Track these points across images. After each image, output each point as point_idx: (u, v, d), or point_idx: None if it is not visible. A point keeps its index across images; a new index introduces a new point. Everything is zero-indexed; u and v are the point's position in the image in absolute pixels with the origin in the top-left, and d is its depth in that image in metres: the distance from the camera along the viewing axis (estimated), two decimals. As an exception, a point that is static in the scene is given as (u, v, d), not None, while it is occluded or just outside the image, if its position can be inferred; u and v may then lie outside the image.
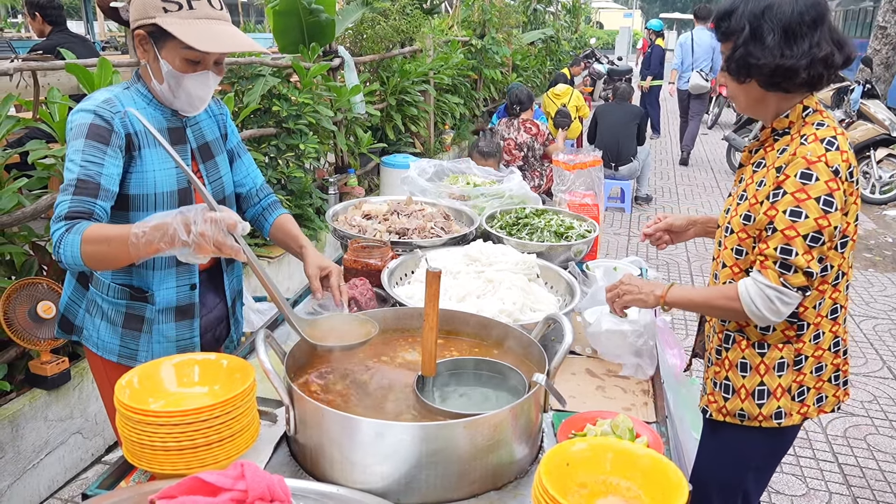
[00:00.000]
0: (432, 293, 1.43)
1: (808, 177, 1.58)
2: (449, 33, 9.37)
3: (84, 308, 1.94)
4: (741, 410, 1.81)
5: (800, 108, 1.69)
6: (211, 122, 1.99)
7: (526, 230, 2.62)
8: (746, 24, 1.62)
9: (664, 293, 1.78)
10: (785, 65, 1.60)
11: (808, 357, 1.77)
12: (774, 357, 1.76)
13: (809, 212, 1.57)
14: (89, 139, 1.68)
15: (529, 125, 6.27)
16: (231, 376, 1.44)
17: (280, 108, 4.70)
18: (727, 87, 1.75)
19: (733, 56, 1.65)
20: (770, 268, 1.61)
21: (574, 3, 19.29)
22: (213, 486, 1.04)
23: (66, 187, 1.66)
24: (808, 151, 1.59)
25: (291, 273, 4.90)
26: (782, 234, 1.59)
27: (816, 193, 1.57)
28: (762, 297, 1.61)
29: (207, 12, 1.71)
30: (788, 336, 1.75)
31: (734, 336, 1.81)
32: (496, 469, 1.34)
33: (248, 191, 2.12)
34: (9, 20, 20.79)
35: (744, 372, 1.80)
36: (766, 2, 1.62)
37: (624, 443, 1.32)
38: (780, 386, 1.77)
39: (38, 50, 4.84)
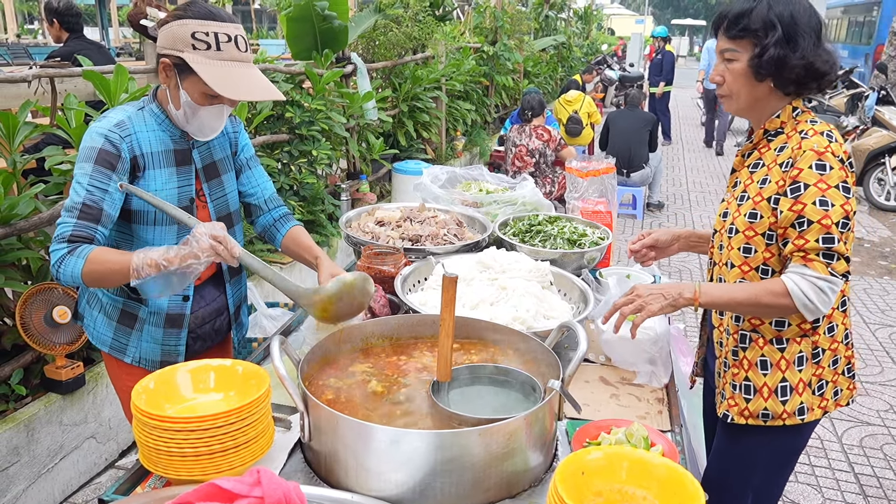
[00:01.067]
0: (448, 298, 1.43)
1: (822, 167, 1.62)
2: (461, 40, 9.40)
3: (85, 299, 2.06)
4: (765, 410, 1.79)
5: (790, 108, 1.74)
6: (223, 141, 2.05)
7: (539, 237, 2.62)
8: (778, 25, 1.64)
9: (696, 294, 1.73)
10: (819, 67, 1.66)
11: (825, 350, 1.78)
12: (794, 351, 1.77)
13: (835, 200, 1.60)
14: (97, 164, 1.77)
15: (541, 131, 6.25)
16: (246, 383, 1.45)
17: (293, 114, 4.72)
18: (727, 85, 1.75)
19: (762, 55, 1.65)
20: (816, 259, 1.62)
21: (586, 9, 19.31)
22: (229, 492, 1.05)
23: (71, 209, 1.75)
24: (814, 143, 1.64)
25: (303, 279, 4.92)
26: (820, 225, 1.60)
27: (835, 181, 1.61)
28: (815, 289, 1.61)
29: (233, 55, 1.77)
30: (804, 329, 1.76)
31: (750, 335, 1.80)
32: (511, 477, 1.33)
33: (258, 201, 2.16)
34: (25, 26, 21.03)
35: (764, 370, 1.79)
36: (788, 7, 1.66)
37: (639, 451, 1.31)
38: (802, 380, 1.78)
39: (55, 56, 4.89)
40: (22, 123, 2.93)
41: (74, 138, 3.10)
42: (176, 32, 1.74)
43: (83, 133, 3.06)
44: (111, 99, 3.10)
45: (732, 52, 1.72)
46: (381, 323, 1.73)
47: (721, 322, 1.90)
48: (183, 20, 1.74)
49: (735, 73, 1.72)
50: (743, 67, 1.70)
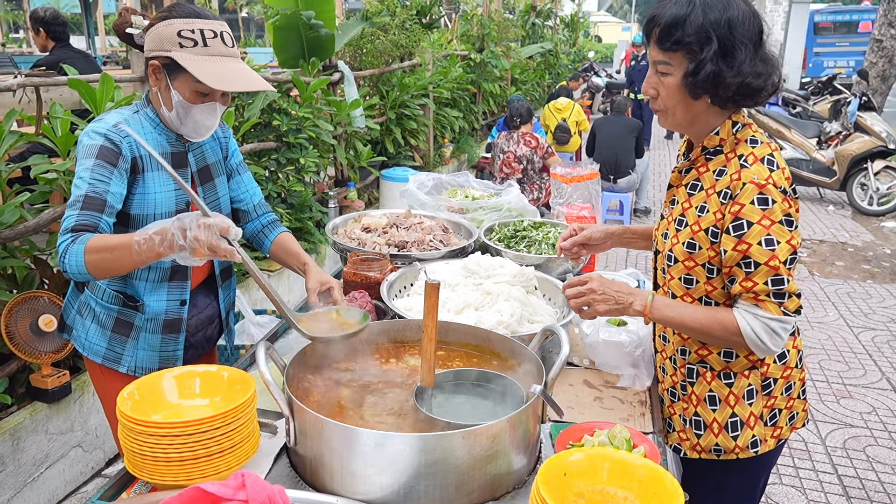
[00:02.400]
0: (431, 305, 1.45)
1: (764, 201, 1.52)
2: (448, 47, 9.44)
3: (76, 310, 2.03)
4: (716, 445, 1.74)
5: (729, 123, 1.62)
6: (214, 145, 2.07)
7: (524, 243, 2.64)
8: (713, 37, 1.50)
9: (646, 308, 1.65)
10: (753, 84, 1.54)
11: (777, 379, 1.72)
12: (742, 385, 1.70)
13: (780, 237, 1.52)
14: (99, 159, 1.77)
15: (529, 138, 6.31)
16: (232, 388, 1.46)
17: (280, 122, 4.73)
18: (661, 100, 1.63)
19: (698, 71, 1.52)
20: (768, 300, 1.55)
21: (572, 17, 19.43)
22: (214, 496, 1.06)
23: (74, 202, 1.75)
24: (755, 175, 1.53)
25: (291, 286, 4.92)
26: (768, 267, 1.52)
27: (778, 217, 1.52)
28: (767, 330, 1.55)
29: (221, 50, 1.80)
30: (753, 361, 1.69)
31: (697, 369, 1.74)
32: (494, 479, 1.35)
33: (247, 206, 2.18)
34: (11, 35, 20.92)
35: (713, 405, 1.72)
36: (725, 13, 1.51)
37: (621, 453, 1.33)
38: (753, 414, 1.71)
39: (41, 65, 4.89)
40: (7, 132, 2.93)
41: (60, 147, 3.10)
42: (162, 33, 1.76)
43: (69, 142, 3.08)
44: (97, 108, 3.10)
45: (666, 65, 1.58)
46: (366, 328, 1.74)
47: (665, 348, 1.83)
48: (168, 20, 1.76)
49: (669, 89, 1.59)
50: (677, 83, 1.57)
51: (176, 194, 1.91)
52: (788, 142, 9.19)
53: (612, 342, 1.94)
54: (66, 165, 3.08)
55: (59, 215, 3.05)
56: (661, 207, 1.87)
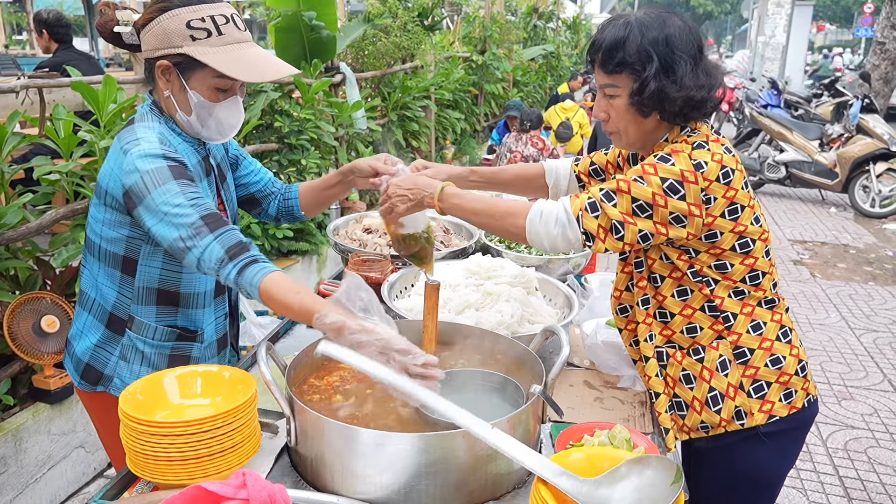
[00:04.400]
0: (431, 305, 1.45)
1: (664, 159, 1.52)
2: (450, 49, 9.46)
3: (118, 355, 1.77)
4: (702, 423, 1.72)
5: (677, 129, 1.63)
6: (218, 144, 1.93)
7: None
8: (654, 55, 1.52)
9: (436, 197, 1.63)
10: (696, 97, 1.55)
11: (753, 349, 1.67)
12: (713, 358, 1.68)
13: (649, 184, 1.50)
14: (179, 179, 1.54)
15: (536, 140, 6.51)
16: (233, 388, 1.46)
17: (282, 123, 4.75)
18: (612, 122, 1.65)
19: (643, 90, 1.54)
20: (581, 199, 1.54)
21: (574, 19, 19.43)
22: (215, 495, 1.06)
23: (195, 230, 1.50)
24: (675, 146, 1.56)
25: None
26: (615, 182, 1.52)
27: (665, 174, 1.50)
28: (554, 216, 1.54)
29: (236, 36, 1.60)
30: (718, 331, 1.67)
31: (666, 351, 1.73)
32: (495, 479, 1.35)
33: (264, 187, 2.03)
34: (14, 37, 20.98)
35: (689, 384, 1.71)
36: (663, 31, 1.54)
37: (619, 452, 1.33)
38: (730, 384, 1.68)
39: (44, 67, 4.91)
40: (10, 134, 2.94)
41: (63, 148, 3.11)
42: (168, 27, 1.54)
43: (72, 143, 3.09)
44: (100, 110, 3.11)
45: (612, 87, 1.59)
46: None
47: (638, 353, 1.81)
48: (171, 11, 1.54)
49: (619, 110, 1.61)
50: (625, 104, 1.59)
51: (215, 201, 1.79)
52: (790, 144, 9.19)
53: (612, 343, 1.95)
54: (69, 167, 3.09)
55: (61, 217, 3.06)
56: None
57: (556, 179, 2.00)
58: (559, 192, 2.00)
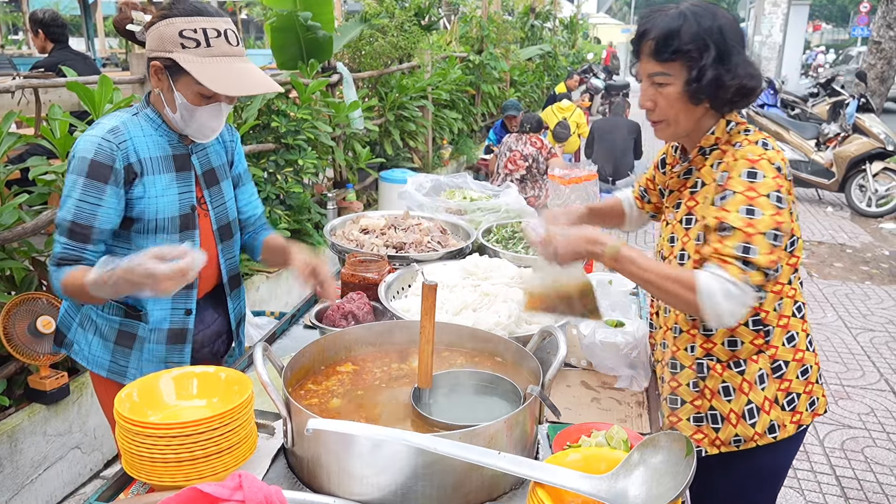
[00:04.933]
0: (428, 306, 1.45)
1: (753, 175, 1.54)
2: (447, 49, 9.45)
3: (78, 322, 1.96)
4: (736, 436, 1.74)
5: (724, 122, 1.67)
6: (219, 148, 2.02)
7: (522, 244, 2.64)
8: (710, 43, 1.55)
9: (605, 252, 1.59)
10: (748, 85, 1.59)
11: (788, 362, 1.72)
12: (753, 371, 1.70)
13: (763, 209, 1.51)
14: (89, 178, 1.72)
15: (535, 139, 6.53)
16: (229, 389, 1.46)
17: (279, 123, 4.74)
18: (660, 111, 1.65)
19: (701, 77, 1.56)
20: (731, 263, 1.51)
21: (571, 18, 19.45)
22: (211, 497, 1.06)
23: (62, 226, 1.74)
24: (749, 152, 1.58)
25: (290, 288, 4.92)
26: (742, 233, 1.50)
27: (766, 190, 1.52)
28: (726, 294, 1.49)
29: (225, 50, 1.72)
30: (758, 345, 1.69)
31: (706, 363, 1.73)
32: (492, 480, 1.35)
33: (248, 219, 2.14)
34: (10, 37, 20.93)
35: (728, 396, 1.72)
36: (716, 21, 1.57)
37: (617, 452, 1.33)
38: (767, 398, 1.71)
39: (39, 67, 4.89)
40: (6, 134, 2.93)
41: (59, 149, 3.10)
42: (163, 33, 1.69)
43: (68, 144, 3.09)
44: (95, 109, 3.10)
45: (664, 76, 1.60)
46: (364, 329, 1.75)
47: (664, 355, 1.82)
48: (169, 19, 1.69)
49: (670, 98, 1.62)
50: (677, 91, 1.60)
51: (180, 198, 1.85)
52: (787, 143, 9.20)
53: (609, 343, 1.95)
54: (65, 167, 3.07)
55: (57, 217, 3.05)
56: (665, 213, 1.87)
57: (629, 207, 2.10)
58: (632, 218, 2.11)
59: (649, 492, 1.17)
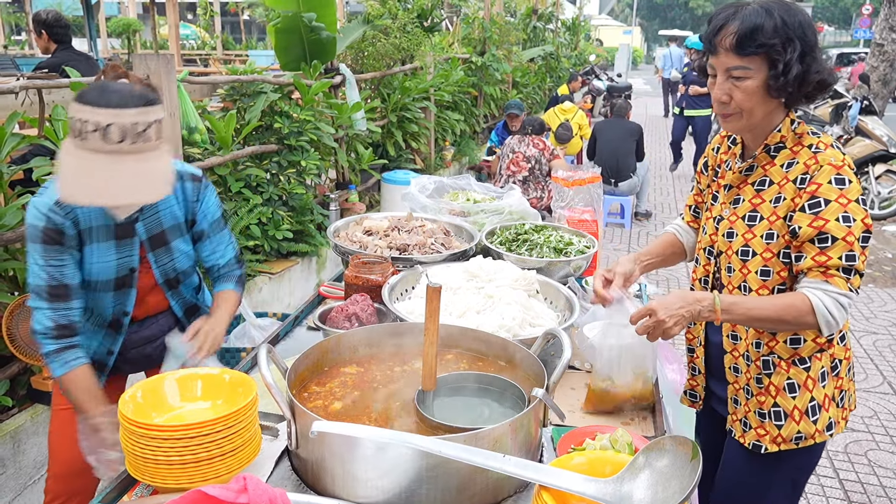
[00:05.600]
0: (433, 308, 1.44)
1: (841, 181, 1.59)
2: (449, 50, 9.46)
3: None
4: (798, 433, 1.76)
5: (788, 121, 1.70)
6: (175, 209, 1.99)
7: (525, 246, 2.64)
8: (796, 39, 1.58)
9: (717, 311, 1.61)
10: (828, 80, 1.63)
11: (842, 360, 1.78)
12: (817, 368, 1.74)
13: (856, 214, 1.58)
14: (46, 244, 1.79)
15: (538, 141, 6.54)
16: (233, 391, 1.46)
17: (281, 124, 4.74)
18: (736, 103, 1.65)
19: (787, 72, 1.58)
20: (837, 275, 1.59)
21: (574, 20, 19.44)
22: (215, 499, 1.06)
23: (38, 292, 1.80)
24: (831, 157, 1.61)
25: (292, 290, 4.92)
26: (844, 242, 1.57)
27: (854, 195, 1.59)
28: (837, 306, 1.58)
29: (97, 146, 1.60)
30: (820, 344, 1.73)
31: (771, 360, 1.75)
32: (496, 483, 1.34)
33: (210, 268, 2.13)
34: (13, 38, 20.96)
35: (793, 392, 1.74)
36: (797, 17, 1.60)
37: (622, 456, 1.33)
38: (827, 396, 1.76)
39: (43, 68, 4.90)
40: (9, 134, 2.94)
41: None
42: (70, 113, 1.64)
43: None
44: (99, 110, 3.10)
45: (744, 69, 1.61)
46: (367, 331, 1.74)
47: (736, 347, 1.82)
48: (76, 102, 1.62)
49: (748, 91, 1.63)
50: (758, 85, 1.62)
51: (118, 263, 1.91)
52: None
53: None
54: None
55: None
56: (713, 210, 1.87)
57: (685, 236, 2.10)
58: (690, 245, 2.09)
59: (655, 495, 1.17)
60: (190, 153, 4.15)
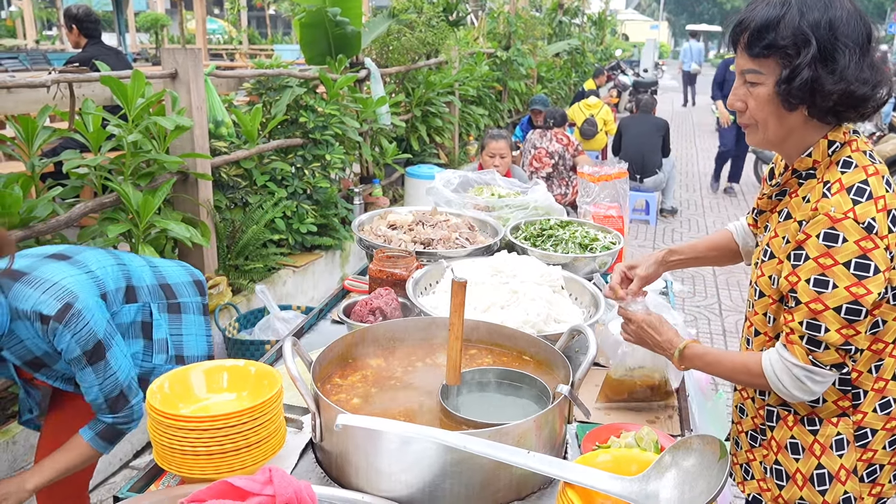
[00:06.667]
0: (458, 303, 1.44)
1: (832, 238, 1.33)
2: (474, 45, 9.43)
3: None
4: (801, 499, 1.55)
5: (824, 143, 1.43)
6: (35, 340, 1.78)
7: (550, 242, 2.62)
8: (812, 39, 1.32)
9: (675, 358, 1.58)
10: (857, 92, 1.34)
11: (876, 431, 1.51)
12: (829, 434, 1.51)
13: (838, 280, 1.32)
14: None
15: (561, 136, 6.49)
16: (259, 383, 1.47)
17: (307, 118, 4.76)
18: (750, 113, 1.45)
19: (793, 78, 1.34)
20: (796, 343, 1.39)
21: (600, 14, 19.29)
22: (241, 490, 1.06)
23: None
24: (832, 207, 1.34)
25: (316, 283, 4.95)
26: (807, 308, 1.36)
27: (845, 258, 1.32)
28: (789, 375, 1.40)
29: None
30: (842, 408, 1.50)
31: (778, 412, 1.58)
32: (520, 479, 1.34)
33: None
34: (44, 33, 21.31)
35: (796, 454, 1.55)
36: (826, 13, 1.33)
37: (648, 454, 1.31)
38: (843, 467, 1.51)
39: (73, 62, 4.96)
40: (41, 128, 2.98)
41: (92, 142, 3.15)
42: None
43: (101, 137, 3.13)
44: (128, 104, 3.14)
45: (755, 73, 1.40)
46: (392, 325, 1.74)
47: (742, 389, 1.70)
48: None
49: (760, 100, 1.41)
50: (768, 93, 1.39)
51: None
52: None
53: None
54: (97, 160, 3.12)
55: (89, 210, 3.10)
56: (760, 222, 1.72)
57: (743, 237, 1.83)
58: (749, 252, 1.82)
59: (682, 495, 1.16)
60: (216, 146, 4.19)
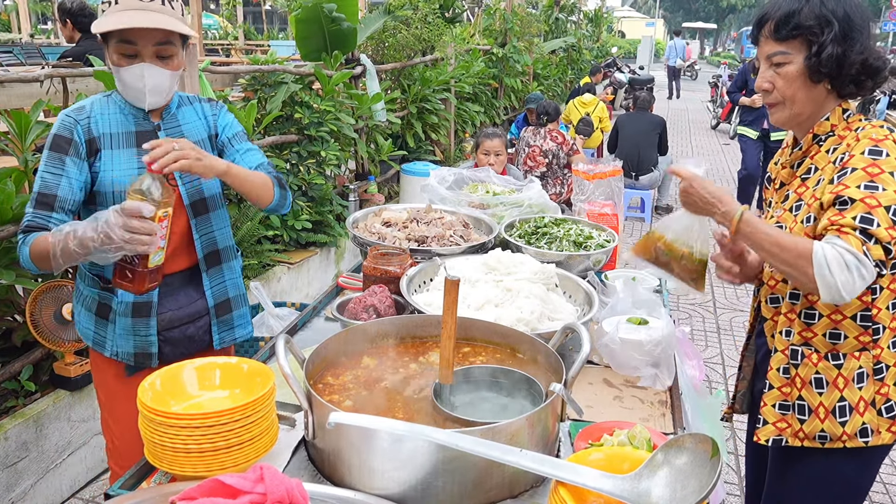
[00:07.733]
0: (451, 301, 1.44)
1: (877, 153, 1.51)
2: (470, 42, 9.42)
3: (75, 296, 2.10)
4: (822, 432, 1.66)
5: (839, 110, 1.65)
6: (197, 124, 2.02)
7: (545, 239, 2.62)
8: (833, 20, 1.55)
9: (734, 221, 1.57)
10: (874, 64, 1.58)
11: (889, 366, 1.64)
12: (852, 367, 1.63)
13: (886, 185, 1.47)
14: (51, 150, 1.83)
15: (556, 134, 6.43)
16: (251, 380, 1.46)
17: (302, 115, 4.75)
18: (778, 91, 1.64)
19: (820, 52, 1.55)
20: (851, 234, 1.45)
21: (596, 12, 19.29)
22: (232, 488, 1.06)
23: (32, 198, 1.82)
24: (873, 133, 1.55)
25: (311, 280, 4.94)
26: (863, 203, 1.46)
27: (890, 168, 1.49)
28: (839, 262, 1.43)
29: (129, 3, 1.75)
30: (863, 342, 1.63)
31: (802, 350, 1.68)
32: (512, 477, 1.34)
33: None
34: (38, 26, 21.20)
35: (820, 388, 1.66)
36: (841, 3, 1.57)
37: (640, 452, 1.31)
38: (863, 399, 1.64)
39: (67, 56, 4.94)
40: (34, 123, 2.97)
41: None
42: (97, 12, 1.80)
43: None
44: (122, 99, 3.13)
45: (783, 54, 1.61)
46: (386, 323, 1.74)
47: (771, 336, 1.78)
48: None
49: (788, 77, 1.62)
50: (797, 69, 1.60)
51: (139, 173, 1.84)
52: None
53: (631, 342, 1.92)
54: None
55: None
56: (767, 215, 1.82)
57: None
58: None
59: (674, 494, 1.16)
60: (211, 143, 4.17)
